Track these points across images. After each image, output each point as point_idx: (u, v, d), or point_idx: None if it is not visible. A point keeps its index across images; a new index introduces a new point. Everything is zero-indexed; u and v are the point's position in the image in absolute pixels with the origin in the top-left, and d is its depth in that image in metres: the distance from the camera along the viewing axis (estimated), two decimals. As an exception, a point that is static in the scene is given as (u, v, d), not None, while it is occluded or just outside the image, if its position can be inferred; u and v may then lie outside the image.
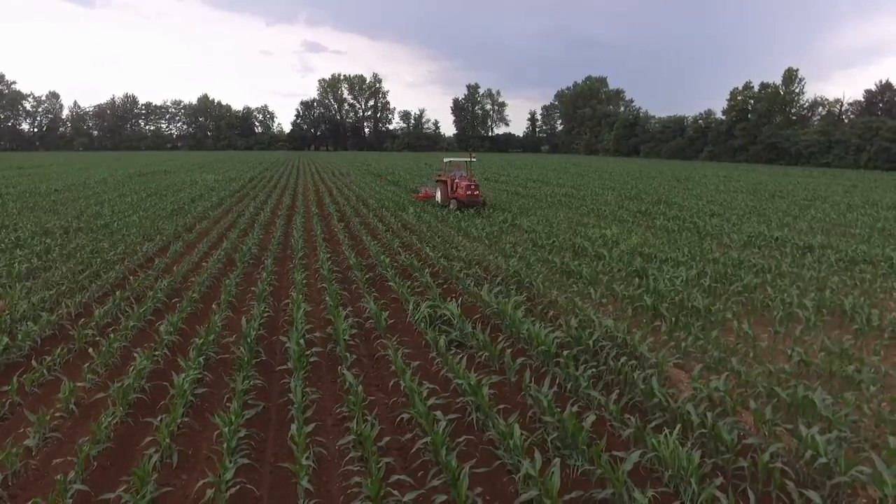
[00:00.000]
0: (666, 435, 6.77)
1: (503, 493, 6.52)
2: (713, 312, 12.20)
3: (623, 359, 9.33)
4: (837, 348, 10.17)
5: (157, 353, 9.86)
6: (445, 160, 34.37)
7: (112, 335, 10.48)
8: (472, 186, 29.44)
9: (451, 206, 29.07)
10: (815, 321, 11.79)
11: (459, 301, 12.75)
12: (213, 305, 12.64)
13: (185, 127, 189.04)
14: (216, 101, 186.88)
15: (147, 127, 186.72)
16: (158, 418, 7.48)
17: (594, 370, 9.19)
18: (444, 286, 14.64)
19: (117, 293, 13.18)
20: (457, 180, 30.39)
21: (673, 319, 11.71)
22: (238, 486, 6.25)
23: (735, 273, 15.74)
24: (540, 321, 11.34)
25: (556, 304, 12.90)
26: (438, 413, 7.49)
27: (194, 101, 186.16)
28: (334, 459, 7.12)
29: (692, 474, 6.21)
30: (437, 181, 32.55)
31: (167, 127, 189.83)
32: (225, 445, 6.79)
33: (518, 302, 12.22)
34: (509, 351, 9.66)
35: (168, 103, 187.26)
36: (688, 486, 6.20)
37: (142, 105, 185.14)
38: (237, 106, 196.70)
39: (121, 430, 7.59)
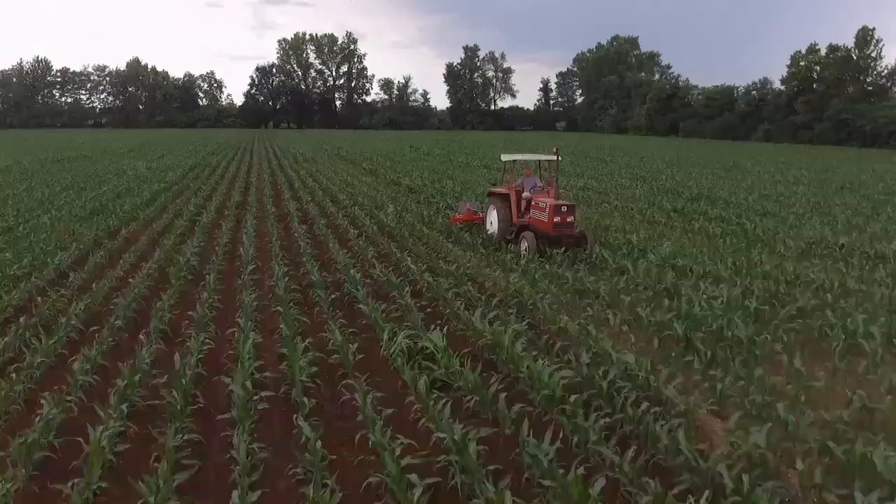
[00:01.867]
0: (691, 504, 6.95)
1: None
2: (759, 344, 12.42)
3: (644, 405, 9.51)
4: (908, 390, 10.40)
5: (69, 398, 9.97)
6: (506, 158, 24.52)
7: (14, 375, 10.62)
8: (565, 209, 20.35)
9: (525, 247, 20.18)
10: (884, 354, 12.02)
11: (445, 330, 12.93)
12: (141, 336, 12.81)
13: (111, 99, 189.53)
14: (150, 66, 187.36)
15: (63, 99, 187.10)
16: (69, 484, 7.61)
17: (608, 420, 9.38)
18: (428, 309, 14.89)
19: (21, 319, 13.34)
20: (527, 193, 21.77)
21: (708, 353, 11.92)
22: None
23: (789, 292, 15.98)
24: (544, 356, 11.55)
25: (566, 333, 13.09)
26: (414, 476, 7.67)
27: (122, 67, 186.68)
28: (286, 535, 7.28)
29: (721, 555, 6.39)
30: (492, 194, 23.24)
31: (88, 99, 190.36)
32: (151, 520, 6.93)
33: (518, 332, 12.41)
34: (504, 395, 9.84)
35: (89, 69, 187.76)
36: (716, 569, 6.37)
37: (56, 72, 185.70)
38: (177, 73, 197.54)
39: (22, 500, 7.73)
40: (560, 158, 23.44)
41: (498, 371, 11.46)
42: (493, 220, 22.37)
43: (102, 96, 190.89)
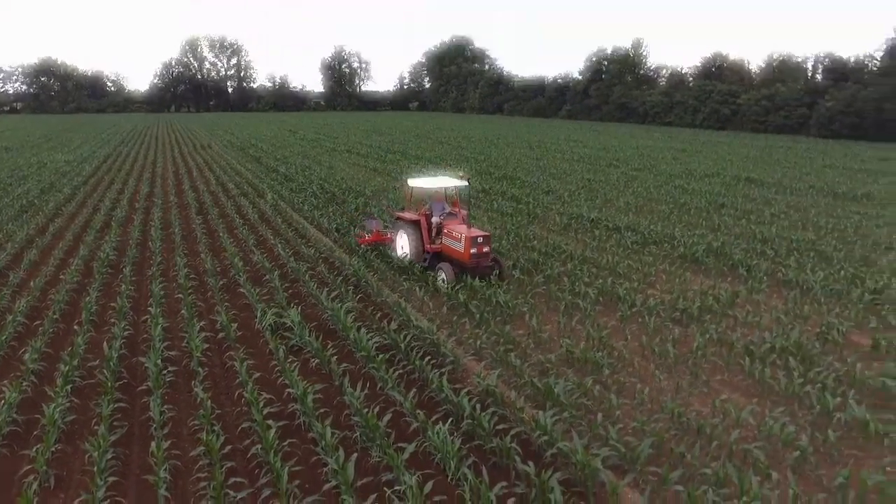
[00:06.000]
0: (440, 427, 9.18)
1: (317, 482, 8.68)
2: (513, 306, 14.77)
3: (428, 358, 11.70)
4: (597, 336, 13.02)
5: (24, 383, 11.08)
6: (412, 183, 19.10)
7: (-21, 366, 11.61)
8: (481, 240, 16.74)
9: (444, 278, 16.56)
10: (591, 310, 14.65)
11: (300, 308, 14.58)
12: (75, 326, 13.82)
13: (24, 88, 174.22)
14: (60, 61, 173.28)
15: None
16: (34, 449, 8.99)
17: (402, 370, 11.52)
18: (291, 290, 16.39)
19: (-24, 318, 14.02)
20: (437, 218, 18.16)
21: (478, 315, 14.18)
22: (109, 501, 8.04)
23: (545, 262, 18.38)
24: (368, 325, 13.54)
25: (386, 304, 15.10)
26: (270, 421, 9.54)
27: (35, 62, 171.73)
28: (188, 467, 9.01)
29: (452, 457, 8.66)
30: (399, 219, 18.97)
31: (2, 87, 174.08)
32: (95, 467, 8.50)
33: (349, 308, 14.32)
34: (335, 357, 11.78)
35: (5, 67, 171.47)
36: (449, 466, 8.65)
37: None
38: (86, 67, 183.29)
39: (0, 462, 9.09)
40: (470, 185, 19.19)
41: (335, 337, 13.35)
42: (403, 245, 18.60)
43: (17, 85, 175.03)
